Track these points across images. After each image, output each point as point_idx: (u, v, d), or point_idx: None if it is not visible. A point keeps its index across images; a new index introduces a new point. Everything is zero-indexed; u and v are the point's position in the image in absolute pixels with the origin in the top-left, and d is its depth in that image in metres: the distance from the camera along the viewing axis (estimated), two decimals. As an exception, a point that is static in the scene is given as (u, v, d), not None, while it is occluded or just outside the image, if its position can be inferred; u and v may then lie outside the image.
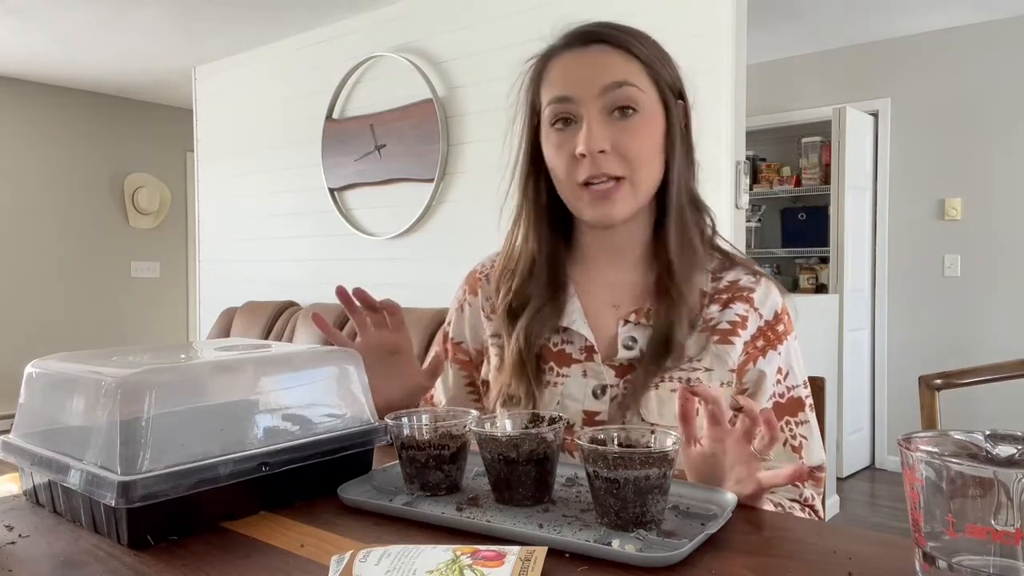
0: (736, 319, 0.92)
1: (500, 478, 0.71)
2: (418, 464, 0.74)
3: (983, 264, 3.94)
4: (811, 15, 3.82)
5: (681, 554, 0.57)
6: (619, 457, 0.62)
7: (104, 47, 4.26)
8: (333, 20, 3.74)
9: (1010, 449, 0.51)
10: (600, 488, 0.63)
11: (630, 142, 0.88)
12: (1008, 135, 3.86)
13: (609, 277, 0.97)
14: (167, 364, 0.73)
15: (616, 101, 0.88)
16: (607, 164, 0.87)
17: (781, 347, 0.93)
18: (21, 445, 0.75)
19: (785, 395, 0.92)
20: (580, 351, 0.94)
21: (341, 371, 0.83)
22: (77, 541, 0.67)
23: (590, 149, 0.87)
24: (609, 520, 0.64)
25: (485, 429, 0.73)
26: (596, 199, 0.89)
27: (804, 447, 0.91)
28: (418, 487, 0.75)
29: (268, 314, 3.83)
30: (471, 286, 1.08)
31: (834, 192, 4.13)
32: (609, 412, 0.90)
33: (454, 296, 1.10)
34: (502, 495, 0.72)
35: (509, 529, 0.64)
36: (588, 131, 0.87)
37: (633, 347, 0.91)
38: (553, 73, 0.93)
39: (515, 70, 1.01)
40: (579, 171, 0.89)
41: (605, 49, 0.90)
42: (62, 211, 5.24)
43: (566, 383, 0.93)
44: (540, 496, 0.71)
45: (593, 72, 0.89)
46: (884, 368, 4.27)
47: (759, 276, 0.96)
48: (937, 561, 0.49)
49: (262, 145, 4.16)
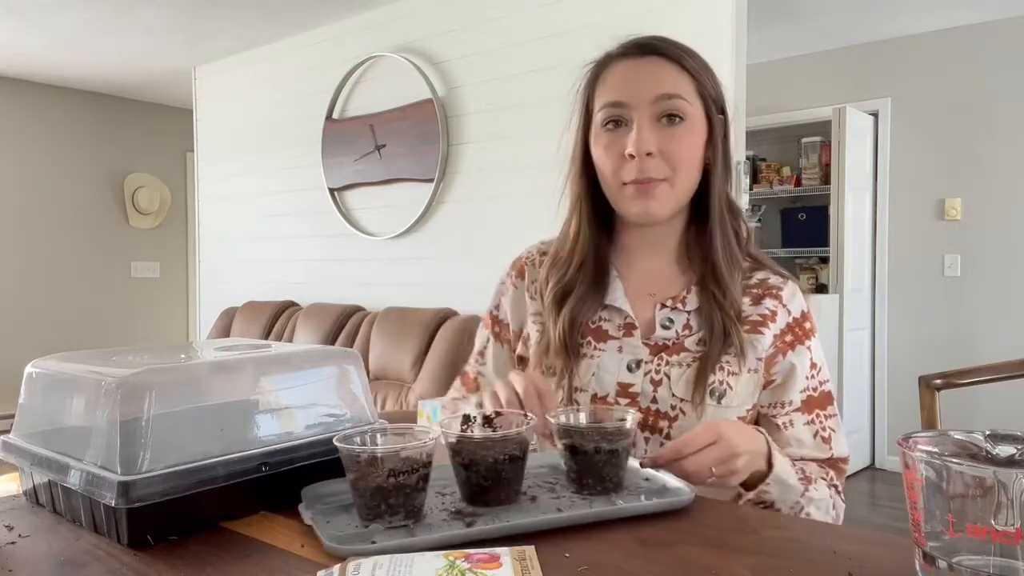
0: (767, 312, 0.99)
1: (501, 479, 0.71)
2: (406, 491, 0.66)
3: (983, 264, 3.94)
4: (811, 15, 3.82)
5: (691, 495, 0.72)
6: (610, 432, 0.74)
7: (104, 47, 4.26)
8: (333, 20, 3.74)
9: (1010, 449, 0.51)
10: (600, 461, 0.73)
11: (676, 147, 0.95)
12: (1008, 135, 3.86)
13: (648, 268, 1.04)
14: (167, 364, 0.73)
15: (666, 110, 0.95)
16: (652, 167, 0.95)
17: (810, 342, 1.00)
18: (21, 445, 0.75)
19: (817, 389, 1.00)
20: (618, 328, 1.01)
21: (341, 371, 0.83)
22: (77, 541, 0.67)
23: (639, 151, 0.94)
24: (594, 491, 0.74)
25: (467, 434, 0.73)
26: (639, 194, 0.96)
27: (833, 438, 0.98)
28: (403, 515, 0.67)
29: (268, 314, 3.83)
30: (518, 270, 1.14)
31: (834, 192, 4.13)
32: (641, 385, 0.97)
33: (499, 281, 1.17)
34: (494, 497, 0.71)
35: (534, 521, 0.66)
36: (638, 134, 0.94)
37: (669, 327, 0.99)
38: (609, 79, 0.99)
39: (515, 70, 1.04)
40: (625, 171, 0.96)
41: (660, 61, 0.97)
42: (62, 211, 5.23)
43: (602, 356, 1.00)
44: (516, 493, 0.73)
45: (648, 81, 0.96)
46: (884, 368, 4.27)
47: (786, 278, 1.03)
48: (937, 561, 0.49)
49: (262, 145, 4.16)
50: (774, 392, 0.98)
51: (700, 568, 0.58)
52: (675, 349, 0.98)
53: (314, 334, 3.49)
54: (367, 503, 0.66)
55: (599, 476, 0.74)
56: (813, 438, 0.97)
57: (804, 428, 0.97)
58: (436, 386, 2.85)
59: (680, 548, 0.62)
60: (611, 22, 2.74)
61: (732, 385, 0.95)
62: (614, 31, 1.03)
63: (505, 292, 1.14)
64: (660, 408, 0.95)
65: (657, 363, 0.97)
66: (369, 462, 0.66)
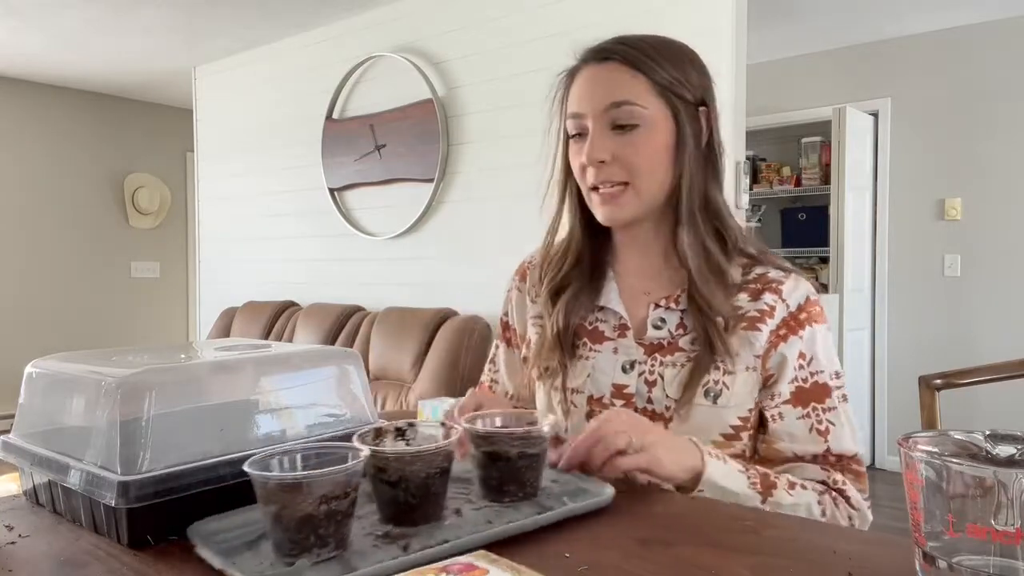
0: (765, 308, 0.96)
1: (431, 494, 0.66)
2: (338, 518, 0.59)
3: (983, 264, 3.94)
4: (811, 15, 3.82)
5: (611, 492, 0.73)
6: (525, 437, 0.73)
7: (104, 47, 4.26)
8: (333, 20, 3.74)
9: (1010, 449, 0.51)
10: (523, 467, 0.72)
11: (631, 153, 0.95)
12: (1008, 135, 3.86)
13: (642, 268, 1.04)
14: (167, 364, 0.73)
15: (617, 118, 0.95)
16: (610, 172, 0.96)
17: (803, 332, 0.95)
18: (21, 445, 0.75)
19: (808, 380, 0.95)
20: (613, 329, 1.01)
21: (341, 371, 0.83)
22: (77, 541, 0.66)
23: (591, 160, 0.96)
24: (516, 497, 0.72)
25: (399, 449, 0.68)
26: (603, 201, 0.98)
27: (831, 432, 0.94)
28: (333, 546, 0.59)
29: (268, 314, 3.83)
30: (520, 274, 1.16)
31: (834, 192, 4.13)
32: (636, 386, 0.97)
33: (506, 288, 1.19)
34: (422, 515, 0.66)
35: (478, 536, 0.62)
36: (590, 144, 0.96)
37: (661, 327, 0.98)
38: (574, 88, 1.00)
39: (515, 70, 1.05)
40: (587, 177, 0.98)
41: (613, 66, 0.96)
42: (62, 211, 5.23)
43: (597, 358, 1.00)
44: (443, 508, 0.69)
45: (599, 90, 0.96)
46: (884, 368, 4.27)
47: (789, 272, 1.00)
48: (937, 561, 0.49)
49: (262, 145, 4.16)
50: (769, 387, 0.95)
51: (700, 568, 0.58)
52: (670, 349, 0.97)
53: (314, 334, 3.49)
54: (291, 537, 0.57)
55: (521, 482, 0.72)
56: (808, 432, 0.93)
57: (798, 422, 0.93)
58: (436, 386, 2.85)
59: (680, 548, 0.62)
60: (611, 22, 2.73)
61: (728, 385, 0.93)
62: (614, 31, 1.02)
63: (511, 298, 1.16)
64: (655, 408, 0.95)
65: (651, 363, 0.97)
66: (295, 488, 0.57)
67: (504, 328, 1.18)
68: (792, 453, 0.93)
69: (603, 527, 0.67)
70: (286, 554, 0.58)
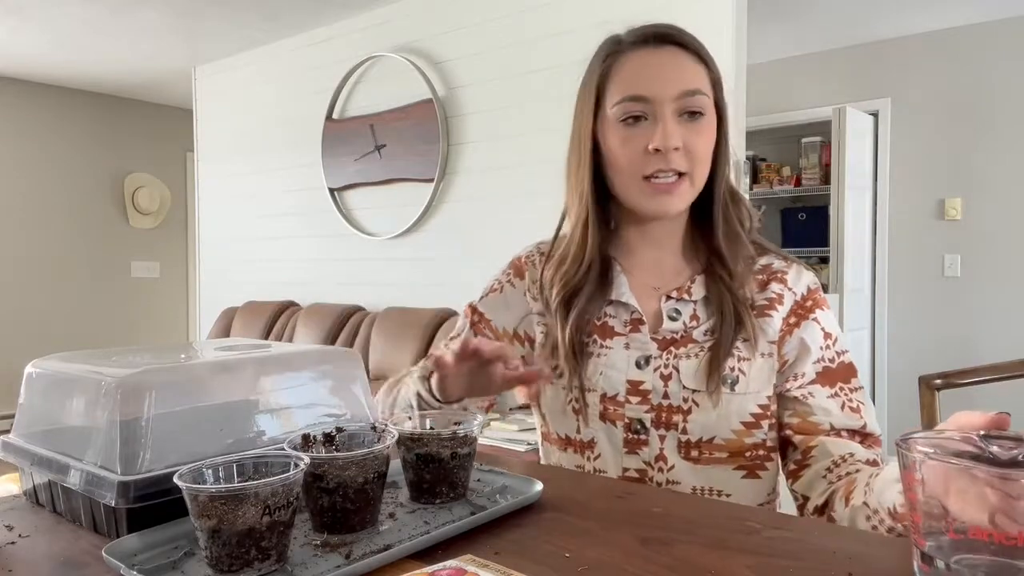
0: (773, 296, 0.98)
1: (369, 499, 0.65)
2: (280, 528, 0.57)
3: (983, 264, 3.94)
4: (811, 15, 3.82)
5: (539, 488, 0.73)
6: (465, 437, 0.72)
7: (104, 47, 4.26)
8: (333, 20, 3.74)
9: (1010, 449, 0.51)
10: (455, 467, 0.72)
11: (697, 141, 0.94)
12: (1008, 135, 3.85)
13: (650, 260, 1.03)
14: (167, 364, 0.73)
15: (689, 106, 0.93)
16: (676, 160, 0.93)
17: (816, 314, 0.97)
18: (21, 445, 0.75)
19: (835, 360, 0.96)
20: (625, 324, 0.99)
21: (341, 371, 0.83)
22: (77, 541, 0.66)
23: (667, 146, 0.91)
24: (447, 498, 0.72)
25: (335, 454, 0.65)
26: (658, 192, 0.94)
27: (863, 410, 0.94)
28: (275, 559, 0.56)
29: (268, 314, 3.83)
30: (516, 270, 1.11)
31: (834, 192, 4.12)
32: (652, 382, 0.96)
33: (493, 278, 1.13)
34: (360, 520, 0.65)
35: (422, 540, 0.61)
36: (665, 130, 0.92)
37: (677, 318, 0.98)
38: (625, 71, 0.95)
39: (515, 70, 1.03)
40: (648, 165, 0.93)
41: (679, 52, 0.95)
42: (62, 211, 5.23)
43: (608, 354, 0.98)
44: (378, 513, 0.68)
45: (670, 75, 0.93)
46: (884, 368, 4.27)
47: (789, 261, 1.02)
48: (935, 561, 0.49)
49: (262, 145, 4.16)
50: (788, 370, 0.96)
51: (700, 568, 0.58)
52: (683, 342, 0.96)
53: (314, 334, 3.49)
54: (231, 552, 0.54)
55: (452, 483, 0.72)
56: (841, 409, 0.93)
57: (829, 401, 0.94)
58: (436, 386, 2.85)
59: (680, 548, 0.62)
60: (611, 22, 2.73)
61: (745, 371, 0.93)
62: (614, 31, 1.02)
63: (498, 289, 1.10)
64: (672, 403, 0.94)
65: (666, 357, 0.95)
66: (238, 500, 0.54)
67: (472, 311, 1.11)
68: (829, 425, 0.93)
69: (603, 527, 0.67)
70: (225, 570, 0.55)
